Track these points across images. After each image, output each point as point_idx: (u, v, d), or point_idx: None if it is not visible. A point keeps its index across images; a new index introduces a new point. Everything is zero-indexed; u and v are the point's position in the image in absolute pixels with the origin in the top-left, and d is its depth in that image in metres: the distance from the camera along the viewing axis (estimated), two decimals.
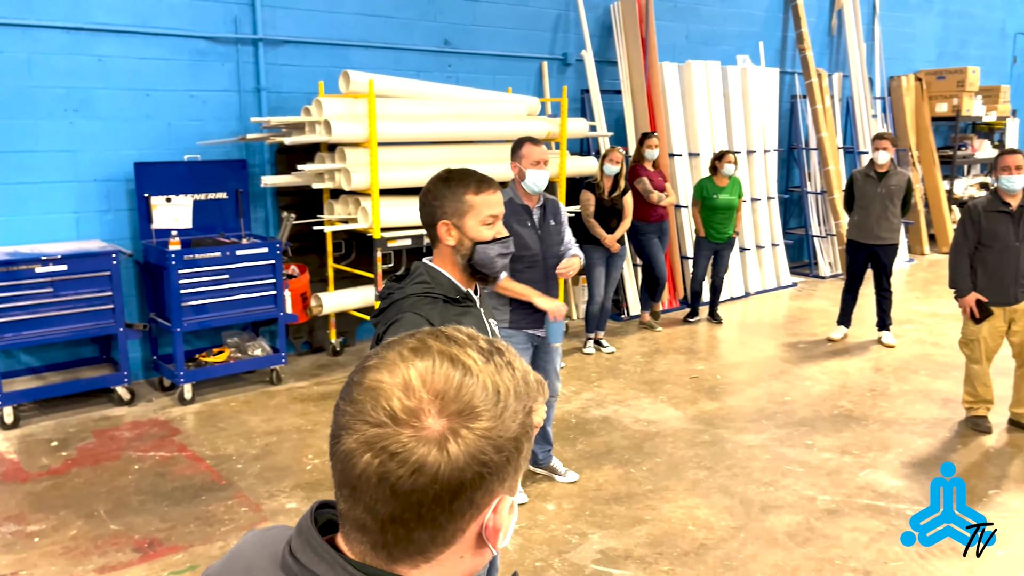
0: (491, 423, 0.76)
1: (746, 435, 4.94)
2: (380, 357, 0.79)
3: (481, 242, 2.11)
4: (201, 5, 5.81)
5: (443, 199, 2.10)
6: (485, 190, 2.12)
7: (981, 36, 12.71)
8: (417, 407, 0.75)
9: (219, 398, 5.54)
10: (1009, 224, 4.76)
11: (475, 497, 0.76)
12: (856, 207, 6.75)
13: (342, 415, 0.78)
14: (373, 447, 0.74)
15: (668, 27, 8.52)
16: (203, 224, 5.86)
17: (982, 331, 4.91)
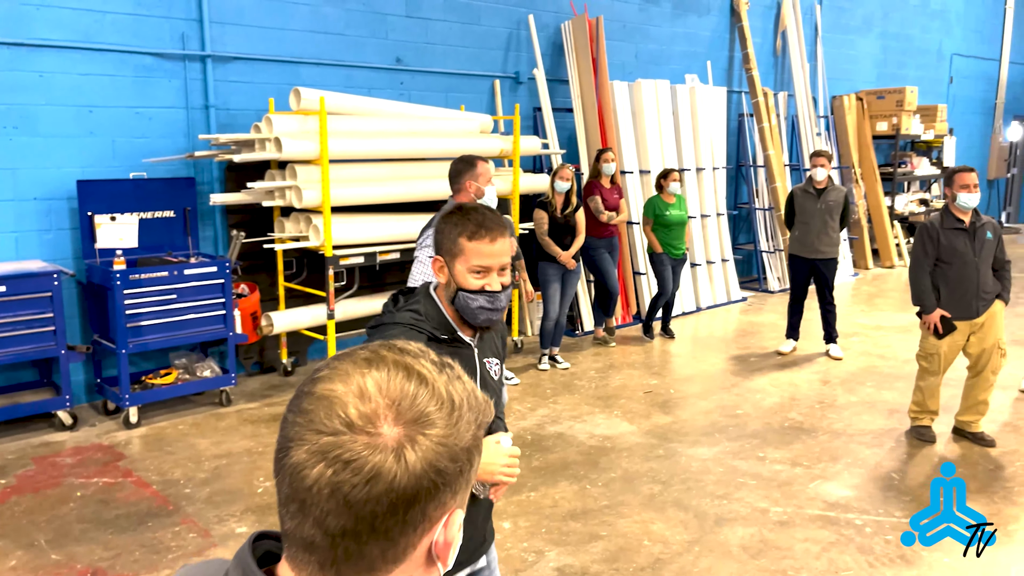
0: (446, 431, 0.76)
1: (699, 448, 4.98)
2: (332, 368, 0.78)
3: (465, 290, 1.96)
4: (147, 21, 5.71)
5: (442, 234, 1.99)
6: (479, 238, 1.94)
7: (918, 57, 13.17)
8: (373, 414, 0.74)
9: (166, 421, 5.40)
10: (966, 240, 4.85)
11: (428, 509, 0.75)
12: (797, 223, 6.92)
13: (291, 427, 0.76)
14: (326, 456, 0.72)
15: (618, 47, 8.64)
16: (149, 243, 5.73)
17: (942, 346, 4.96)
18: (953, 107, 13.96)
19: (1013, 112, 15.92)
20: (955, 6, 13.78)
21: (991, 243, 4.91)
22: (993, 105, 15.36)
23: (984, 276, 4.89)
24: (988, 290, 4.90)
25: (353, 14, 6.69)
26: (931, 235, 4.90)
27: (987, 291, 4.90)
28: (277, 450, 0.77)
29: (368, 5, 6.76)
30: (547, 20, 8.01)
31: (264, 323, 6.01)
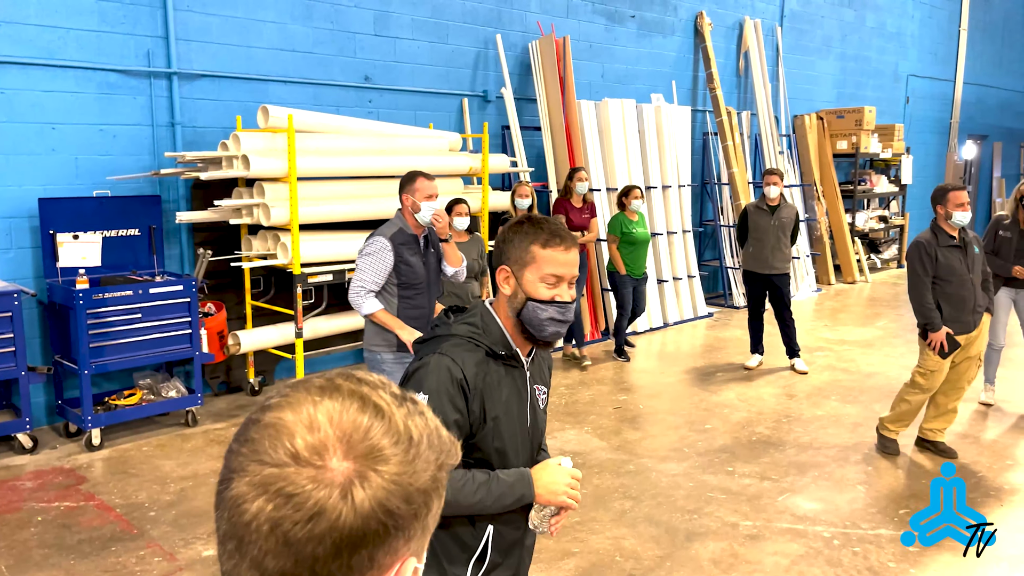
0: (401, 468, 0.69)
1: (669, 464, 5.02)
2: (283, 396, 0.73)
3: (535, 300, 1.88)
4: (111, 38, 5.66)
5: (510, 244, 1.90)
6: (553, 245, 1.87)
7: (876, 78, 13.50)
8: (321, 446, 0.67)
9: (130, 443, 5.30)
10: (960, 257, 4.91)
11: (376, 555, 0.68)
12: (751, 239, 7.05)
13: (234, 457, 0.70)
14: (267, 489, 0.66)
15: (585, 66, 8.75)
16: (113, 262, 5.65)
17: (944, 363, 4.97)
18: (910, 126, 14.33)
19: (967, 131, 16.37)
20: (910, 28, 14.17)
21: (979, 258, 4.99)
22: (948, 125, 15.78)
23: (977, 291, 4.95)
24: (980, 304, 4.98)
25: (321, 32, 6.69)
26: (929, 253, 4.87)
27: (980, 305, 4.98)
28: (219, 481, 0.71)
29: (336, 23, 6.77)
30: (515, 40, 8.09)
31: (231, 342, 5.94)
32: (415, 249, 4.12)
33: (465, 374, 1.83)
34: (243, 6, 6.23)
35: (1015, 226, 5.81)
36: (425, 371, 1.84)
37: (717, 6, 10.34)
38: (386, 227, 4.09)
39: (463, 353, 1.86)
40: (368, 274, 4.00)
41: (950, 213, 4.86)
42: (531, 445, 2.02)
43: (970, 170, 17.09)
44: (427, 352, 1.89)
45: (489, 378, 1.87)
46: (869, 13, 13.05)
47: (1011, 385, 6.53)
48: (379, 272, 4.01)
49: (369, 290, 4.01)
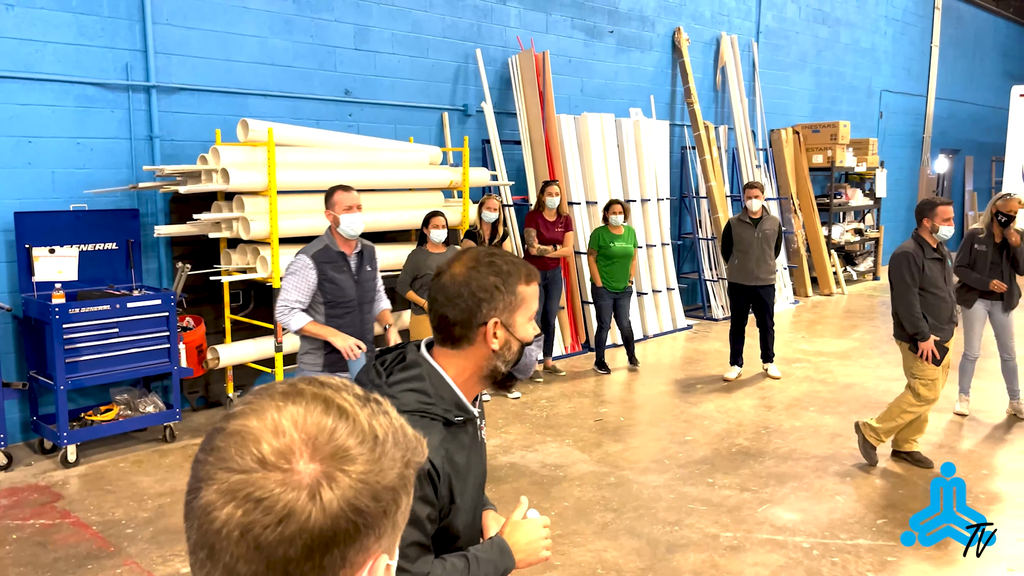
0: (367, 467, 0.70)
1: (650, 475, 5.03)
2: (247, 403, 0.73)
3: (528, 343, 1.68)
4: (89, 51, 5.63)
5: (493, 291, 1.61)
6: (534, 280, 1.68)
7: (850, 93, 13.71)
8: (287, 449, 0.68)
9: (107, 459, 5.24)
10: (940, 268, 5.03)
11: (348, 553, 0.69)
12: (735, 252, 7.14)
13: (201, 466, 0.70)
14: (236, 495, 0.67)
15: (564, 81, 8.81)
16: (90, 276, 5.60)
17: (939, 371, 5.04)
18: (884, 141, 14.55)
19: (940, 146, 16.65)
20: (883, 45, 14.41)
21: (950, 269, 5.14)
22: (921, 139, 16.05)
23: (953, 302, 5.09)
24: (955, 314, 5.11)
25: (301, 46, 6.70)
26: (917, 264, 4.94)
27: (955, 315, 5.11)
28: (187, 492, 0.71)
29: (316, 37, 6.78)
30: (495, 54, 8.14)
31: (210, 356, 5.90)
32: (341, 266, 4.04)
33: (432, 463, 1.54)
34: (223, 20, 6.23)
35: (990, 239, 5.91)
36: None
37: (694, 22, 10.47)
38: (310, 245, 4.05)
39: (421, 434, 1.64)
40: (291, 293, 3.94)
41: (937, 227, 4.95)
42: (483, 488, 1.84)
43: (942, 183, 17.37)
44: None
45: (451, 455, 1.59)
46: (843, 30, 13.27)
47: (985, 395, 6.63)
48: (302, 291, 3.95)
49: (293, 308, 3.95)
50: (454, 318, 1.61)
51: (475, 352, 1.63)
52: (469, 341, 1.62)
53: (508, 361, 1.65)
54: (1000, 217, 5.83)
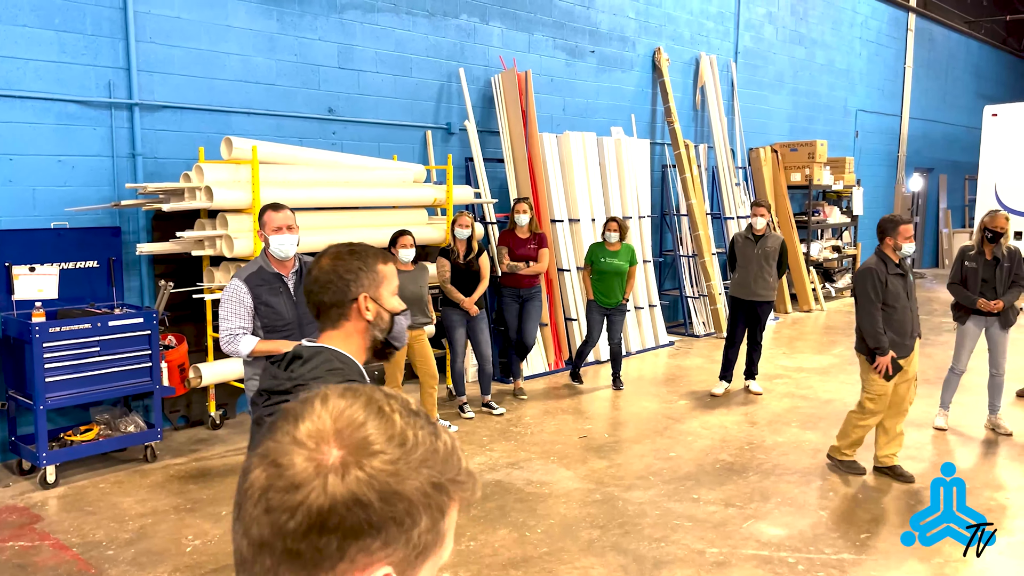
0: (385, 466, 0.72)
1: (635, 492, 5.04)
2: (311, 394, 0.80)
3: (396, 313, 2.00)
4: (71, 69, 5.61)
5: (358, 272, 1.94)
6: (390, 260, 2.05)
7: (826, 113, 13.93)
8: (319, 433, 0.73)
9: (87, 480, 5.17)
10: (903, 284, 5.16)
11: (347, 546, 0.70)
12: (737, 267, 7.26)
13: (260, 437, 0.78)
14: (265, 459, 0.73)
15: (546, 100, 8.89)
16: (71, 294, 5.55)
17: (889, 385, 5.18)
18: (860, 159, 14.77)
19: (914, 164, 16.93)
20: (858, 66, 14.67)
21: (913, 284, 5.25)
22: (896, 157, 16.31)
23: (915, 316, 5.21)
24: (916, 328, 5.23)
25: (284, 64, 6.71)
26: (881, 279, 5.08)
27: (916, 329, 5.23)
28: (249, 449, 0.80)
29: (300, 56, 6.80)
30: (477, 73, 8.20)
31: (192, 375, 5.85)
32: (277, 288, 3.91)
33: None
34: (206, 38, 6.23)
35: (980, 257, 6.01)
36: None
37: (674, 42, 10.61)
38: (244, 267, 3.93)
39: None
40: (232, 320, 3.81)
41: (899, 245, 5.10)
42: None
43: (917, 201, 17.65)
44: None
45: None
46: (819, 51, 13.49)
47: (965, 410, 6.71)
48: (241, 315, 3.82)
49: (236, 335, 3.82)
50: (330, 301, 1.93)
51: (354, 326, 1.94)
52: (346, 318, 1.94)
53: (383, 329, 1.97)
54: (987, 233, 5.94)
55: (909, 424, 6.34)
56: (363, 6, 7.20)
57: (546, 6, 8.85)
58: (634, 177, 9.31)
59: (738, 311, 7.30)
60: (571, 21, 9.15)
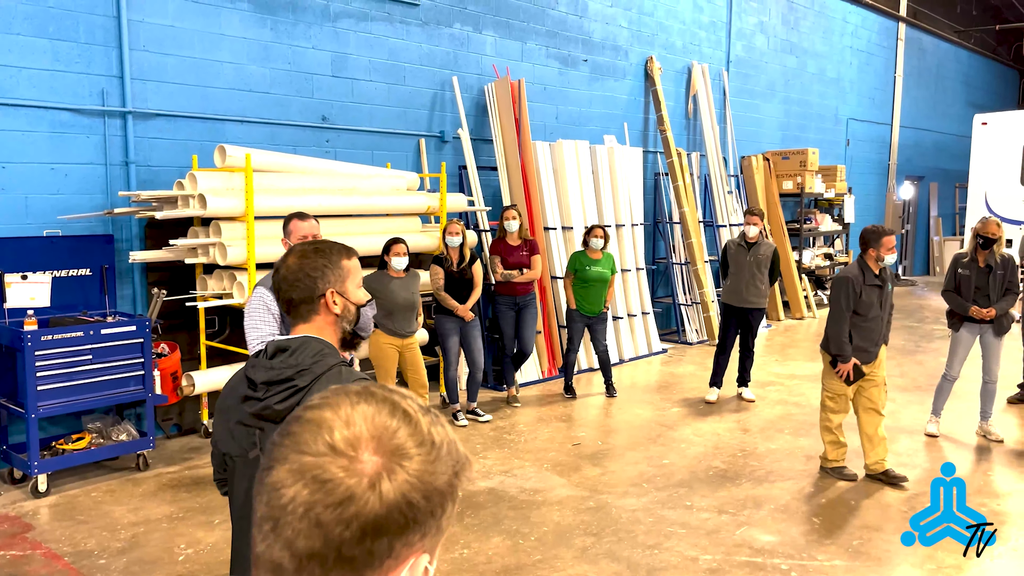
0: (423, 466, 0.77)
1: (629, 499, 5.05)
2: (323, 398, 0.81)
3: (362, 305, 2.12)
4: (65, 77, 5.61)
5: (324, 269, 2.04)
6: (353, 255, 2.13)
7: (818, 121, 14.01)
8: (356, 440, 0.76)
9: (78, 488, 5.15)
10: (879, 294, 5.25)
11: (395, 544, 0.75)
12: (729, 273, 7.32)
13: (277, 448, 0.78)
14: (304, 476, 0.74)
15: (539, 108, 8.92)
16: (63, 302, 5.53)
17: (848, 387, 5.35)
18: (851, 167, 14.85)
19: (905, 172, 17.04)
20: (849, 75, 14.77)
21: (890, 294, 5.31)
22: (887, 166, 16.41)
23: (885, 325, 5.32)
24: (884, 337, 5.35)
25: (278, 73, 6.73)
26: (855, 289, 5.20)
27: (884, 338, 5.35)
28: (260, 470, 0.79)
29: (294, 64, 6.82)
30: (471, 82, 8.22)
31: (185, 383, 5.84)
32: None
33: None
34: (200, 46, 6.24)
35: (974, 264, 6.05)
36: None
37: (666, 51, 10.67)
38: (267, 277, 3.78)
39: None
40: (261, 328, 3.59)
41: (882, 256, 5.20)
42: None
43: (908, 209, 17.75)
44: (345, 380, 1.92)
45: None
46: (810, 60, 13.58)
47: (957, 416, 6.74)
48: (268, 322, 3.66)
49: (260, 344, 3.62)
50: (299, 298, 2.03)
51: (324, 320, 2.05)
52: (316, 312, 2.04)
53: (350, 321, 2.09)
54: (979, 239, 5.98)
55: (901, 431, 6.38)
56: (357, 15, 7.22)
57: (539, 15, 8.89)
58: (627, 185, 9.35)
59: (730, 318, 7.35)
60: (564, 30, 9.20)
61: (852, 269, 5.28)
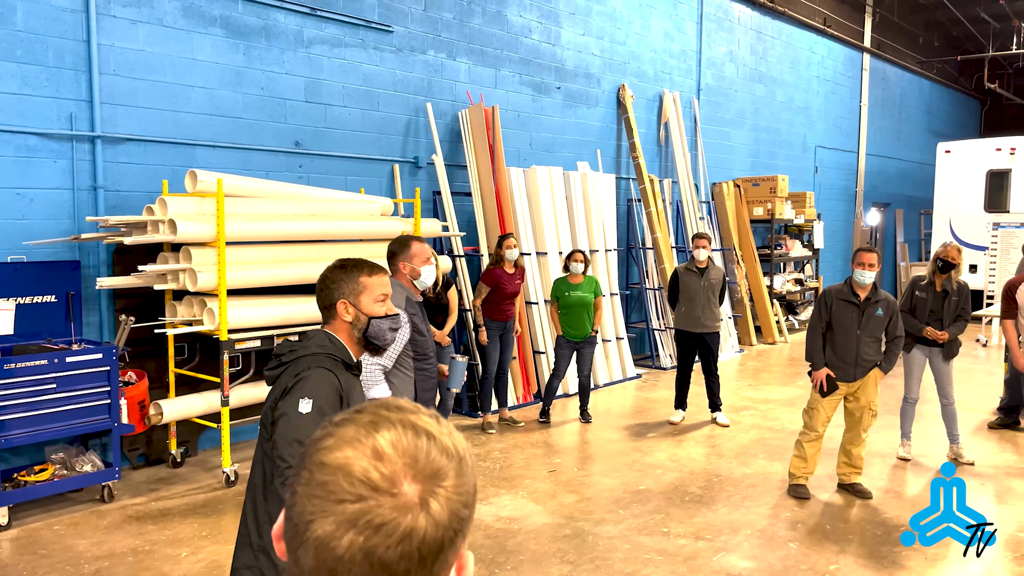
0: (458, 480, 0.79)
1: (606, 526, 5.01)
2: (334, 436, 0.80)
3: (375, 317, 2.42)
4: (32, 101, 5.53)
5: (340, 282, 2.41)
6: (377, 273, 2.47)
7: (787, 149, 14.24)
8: (393, 475, 0.76)
9: (41, 521, 4.99)
10: (855, 314, 5.33)
11: (448, 556, 0.78)
12: (682, 299, 7.34)
13: (307, 500, 0.77)
14: (356, 524, 0.74)
15: (513, 134, 8.96)
16: (27, 329, 5.40)
17: (823, 401, 5.43)
18: (820, 194, 15.09)
19: (872, 199, 17.34)
20: (816, 103, 15.05)
21: (880, 320, 5.36)
22: (854, 193, 16.69)
23: (864, 347, 5.35)
24: (867, 359, 5.38)
25: (251, 98, 6.69)
26: (826, 301, 5.42)
27: (866, 360, 5.37)
28: (294, 526, 0.78)
29: (266, 89, 6.79)
30: (445, 108, 8.25)
31: (153, 412, 5.71)
32: (422, 316, 3.93)
33: (339, 381, 2.30)
34: (171, 71, 6.20)
35: (931, 287, 6.15)
36: (308, 380, 2.25)
37: (638, 79, 10.80)
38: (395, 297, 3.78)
39: (332, 364, 2.32)
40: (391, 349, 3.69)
41: (854, 270, 5.37)
42: None
43: (875, 235, 18.04)
44: (303, 367, 2.29)
45: (348, 383, 2.33)
46: (778, 88, 13.83)
47: (927, 439, 6.80)
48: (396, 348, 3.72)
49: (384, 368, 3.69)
50: (321, 302, 2.47)
51: (340, 324, 2.44)
52: (333, 317, 2.44)
53: (361, 329, 2.43)
54: (939, 263, 6.08)
55: (874, 455, 6.42)
56: (331, 40, 7.22)
57: (512, 43, 8.96)
58: (600, 211, 9.39)
59: (687, 344, 7.39)
60: (537, 58, 9.28)
61: (836, 284, 5.49)
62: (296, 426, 2.17)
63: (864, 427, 5.48)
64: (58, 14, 5.62)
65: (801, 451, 5.52)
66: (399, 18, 7.76)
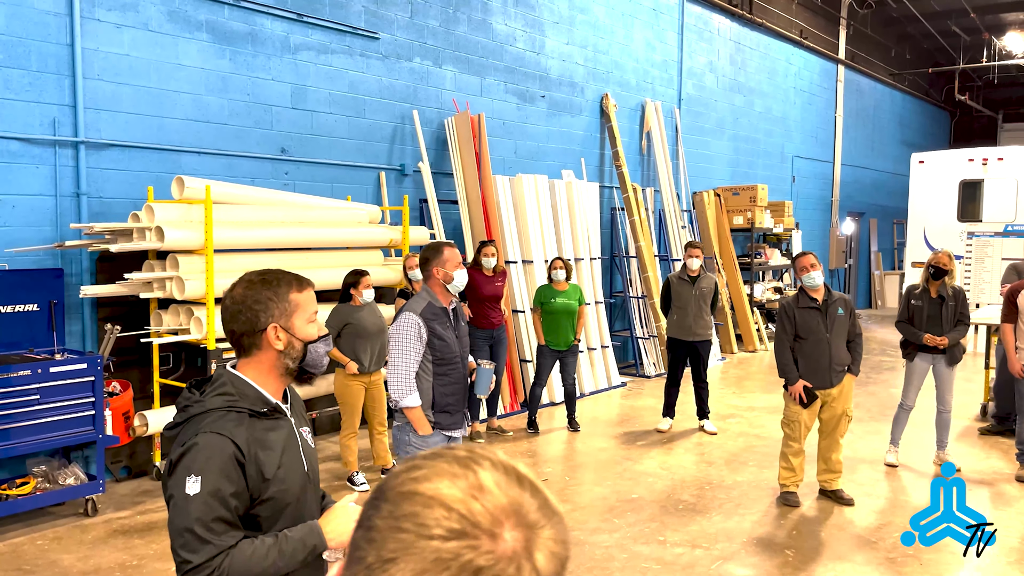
0: (554, 530, 0.74)
1: (601, 535, 4.98)
2: (425, 468, 0.73)
3: (311, 341, 1.99)
4: (14, 105, 5.41)
5: (267, 302, 1.93)
6: (306, 287, 2.01)
7: (765, 158, 14.38)
8: (496, 515, 0.70)
9: (23, 536, 4.85)
10: (819, 318, 5.37)
11: None
12: (674, 308, 7.36)
13: (390, 536, 0.69)
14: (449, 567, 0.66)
15: (499, 143, 8.95)
16: (8, 339, 5.27)
17: (803, 413, 5.44)
18: (797, 203, 15.24)
19: (847, 208, 17.56)
20: (793, 114, 15.23)
21: (843, 319, 5.42)
22: (830, 202, 16.90)
23: (836, 350, 5.39)
24: (841, 362, 5.42)
25: (237, 104, 6.61)
26: (788, 313, 5.45)
27: (840, 363, 5.42)
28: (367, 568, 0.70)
29: (252, 96, 6.71)
30: (431, 116, 8.21)
31: (137, 423, 5.59)
32: (446, 322, 3.89)
33: (236, 444, 1.84)
34: (156, 76, 6.10)
35: (926, 295, 6.21)
36: (195, 452, 1.81)
37: (621, 89, 10.85)
38: (412, 303, 3.85)
39: (227, 424, 1.85)
40: (410, 355, 3.73)
41: (800, 277, 5.45)
42: (315, 487, 2.07)
43: (850, 244, 18.27)
44: (190, 434, 1.85)
45: (259, 439, 1.89)
46: (756, 99, 13.97)
47: (916, 446, 6.86)
48: (417, 350, 3.76)
49: (413, 372, 3.74)
50: (239, 330, 1.93)
51: (265, 355, 1.95)
52: (258, 347, 1.94)
53: (295, 358, 1.97)
54: (931, 269, 6.15)
55: (861, 461, 6.46)
56: (317, 47, 7.17)
57: (498, 51, 8.96)
58: (585, 219, 9.40)
59: (678, 352, 7.41)
60: (522, 66, 9.28)
61: (792, 295, 5.51)
62: (185, 512, 1.80)
63: (841, 433, 5.52)
64: (42, 17, 5.51)
65: (788, 462, 5.54)
66: (385, 25, 7.73)
